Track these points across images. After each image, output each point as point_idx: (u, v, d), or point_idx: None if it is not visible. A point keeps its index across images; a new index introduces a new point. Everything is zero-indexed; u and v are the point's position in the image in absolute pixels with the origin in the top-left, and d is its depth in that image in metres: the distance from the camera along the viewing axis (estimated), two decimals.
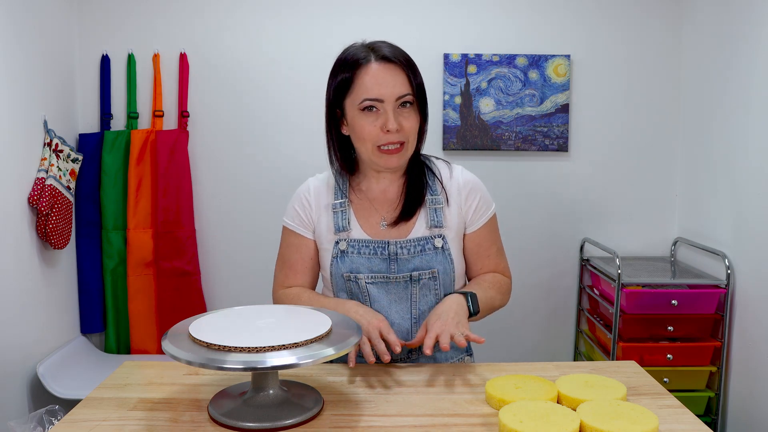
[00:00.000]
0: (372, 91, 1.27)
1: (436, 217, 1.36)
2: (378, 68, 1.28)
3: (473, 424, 1.04)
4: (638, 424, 0.97)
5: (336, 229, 1.37)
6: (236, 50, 2.61)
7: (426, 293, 1.35)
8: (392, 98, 1.27)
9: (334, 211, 1.38)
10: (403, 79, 1.29)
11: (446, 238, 1.36)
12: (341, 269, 1.36)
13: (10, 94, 2.09)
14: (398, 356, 1.37)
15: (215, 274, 2.69)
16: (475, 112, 2.62)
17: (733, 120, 2.25)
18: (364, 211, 1.39)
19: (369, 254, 1.35)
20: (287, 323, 1.12)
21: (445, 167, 1.43)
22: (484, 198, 1.41)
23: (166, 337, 1.05)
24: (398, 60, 1.29)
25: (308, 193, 1.41)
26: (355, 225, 1.38)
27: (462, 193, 1.39)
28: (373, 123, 1.28)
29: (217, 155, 2.65)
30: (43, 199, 2.19)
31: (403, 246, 1.34)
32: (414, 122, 1.31)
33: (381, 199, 1.39)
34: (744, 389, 2.18)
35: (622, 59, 2.64)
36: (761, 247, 2.08)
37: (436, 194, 1.38)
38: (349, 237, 1.36)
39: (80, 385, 2.19)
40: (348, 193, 1.39)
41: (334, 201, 1.39)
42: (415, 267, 1.34)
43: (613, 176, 2.69)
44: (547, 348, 2.77)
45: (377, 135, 1.29)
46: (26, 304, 2.17)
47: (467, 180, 1.40)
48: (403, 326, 1.35)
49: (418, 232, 1.36)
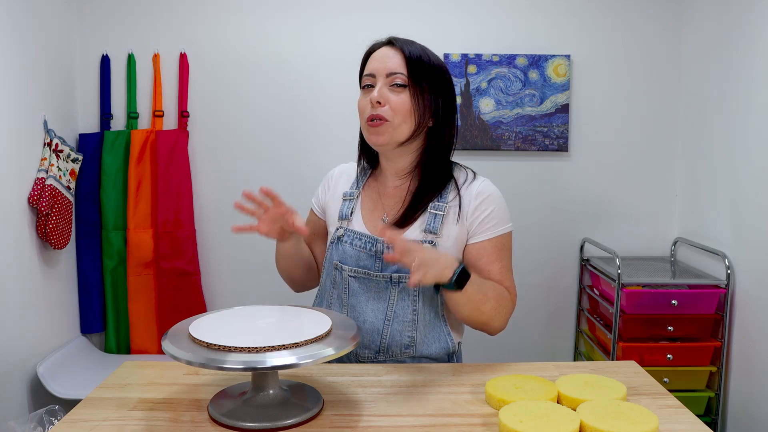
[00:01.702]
0: (369, 68, 1.35)
1: (432, 223, 1.34)
2: (381, 50, 1.35)
3: (473, 424, 1.04)
4: (638, 424, 0.97)
5: (339, 216, 1.41)
6: (236, 50, 2.61)
7: (404, 297, 1.33)
8: (383, 73, 1.32)
9: (344, 199, 1.43)
10: (398, 59, 1.32)
11: (437, 245, 1.32)
12: (333, 256, 1.39)
13: (10, 94, 2.09)
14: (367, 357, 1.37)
15: (215, 274, 2.69)
16: (475, 112, 2.62)
17: (733, 120, 2.25)
18: (370, 204, 1.41)
19: (359, 247, 1.36)
20: (287, 323, 1.12)
21: (470, 176, 1.41)
22: (498, 212, 1.35)
23: (166, 337, 1.05)
24: (401, 46, 1.34)
25: (332, 177, 1.51)
26: (357, 216, 1.40)
27: (473, 203, 1.35)
28: (365, 97, 1.34)
29: (217, 155, 2.65)
30: (43, 199, 2.19)
31: (390, 246, 1.31)
32: (403, 103, 1.31)
33: (390, 195, 1.41)
34: (744, 389, 2.18)
35: (622, 59, 2.64)
36: (761, 247, 2.08)
37: (444, 201, 1.36)
38: (348, 226, 1.40)
39: (80, 385, 2.19)
40: (362, 185, 1.44)
41: (348, 189, 1.45)
42: (398, 269, 1.33)
43: (613, 176, 2.69)
44: (547, 348, 2.77)
45: (366, 108, 1.33)
46: (26, 304, 2.17)
47: (482, 191, 1.36)
48: (376, 325, 1.34)
49: (411, 235, 1.34)
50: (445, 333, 1.37)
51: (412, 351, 1.35)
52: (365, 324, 1.34)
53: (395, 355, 1.35)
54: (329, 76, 2.61)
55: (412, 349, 1.35)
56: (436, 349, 1.36)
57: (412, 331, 1.34)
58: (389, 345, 1.34)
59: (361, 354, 1.36)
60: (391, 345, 1.34)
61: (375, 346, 1.34)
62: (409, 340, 1.34)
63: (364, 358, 1.36)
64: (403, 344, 1.34)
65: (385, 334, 1.34)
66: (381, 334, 1.34)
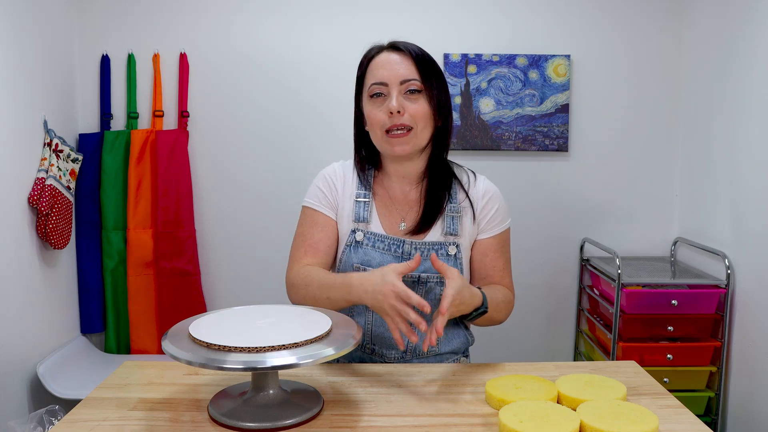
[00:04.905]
0: (377, 76, 1.31)
1: (452, 225, 1.37)
2: (386, 56, 1.32)
3: (473, 424, 1.04)
4: (638, 424, 0.97)
5: (356, 219, 1.37)
6: (236, 50, 2.61)
7: (431, 297, 1.35)
8: (396, 81, 1.29)
9: (357, 201, 1.39)
10: (409, 65, 1.30)
11: (460, 246, 1.37)
12: (353, 259, 1.36)
13: (10, 94, 2.09)
14: (394, 357, 1.37)
15: (215, 274, 2.69)
16: (475, 112, 2.62)
17: (733, 120, 2.25)
18: (384, 209, 1.40)
19: (383, 249, 1.35)
20: (287, 323, 1.12)
21: (470, 175, 1.44)
22: (501, 209, 1.42)
23: (166, 337, 1.05)
24: (408, 50, 1.32)
25: (334, 176, 1.42)
26: (375, 219, 1.38)
27: (481, 202, 1.40)
28: (379, 107, 1.31)
29: (217, 155, 2.65)
30: (43, 199, 2.19)
31: (418, 247, 1.35)
32: (422, 109, 1.30)
33: (401, 201, 1.40)
34: (744, 389, 2.18)
35: (622, 59, 2.64)
36: (761, 247, 2.08)
37: (456, 202, 1.38)
38: (367, 229, 1.37)
39: (80, 385, 2.19)
40: (372, 187, 1.41)
41: (357, 191, 1.40)
42: (425, 269, 1.34)
43: (613, 176, 2.69)
44: (547, 348, 2.77)
45: (384, 120, 1.30)
46: (26, 304, 2.17)
47: (487, 189, 1.41)
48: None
49: (433, 237, 1.36)
50: (463, 328, 1.43)
51: (437, 349, 1.39)
52: None
53: (421, 354, 1.37)
54: (329, 75, 2.61)
55: (438, 346, 1.38)
56: (457, 344, 1.41)
57: None
58: (417, 345, 1.36)
59: (387, 354, 1.37)
60: (418, 345, 1.36)
61: None
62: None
63: (391, 359, 1.37)
64: None
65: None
66: None
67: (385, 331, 1.35)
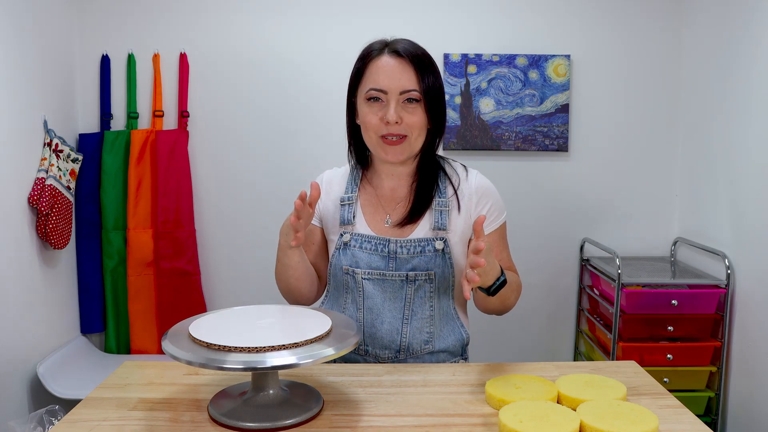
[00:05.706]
0: (377, 82, 1.31)
1: (440, 220, 1.36)
2: (387, 60, 1.31)
3: (473, 424, 1.04)
4: (638, 424, 0.97)
5: (341, 222, 1.39)
6: (236, 50, 2.61)
7: (421, 295, 1.35)
8: (396, 91, 1.30)
9: (341, 204, 1.41)
10: (410, 75, 1.30)
11: (448, 241, 1.36)
12: (342, 261, 1.38)
13: (10, 94, 2.09)
14: (387, 357, 1.37)
15: (215, 274, 2.69)
16: (475, 112, 2.62)
17: (733, 120, 2.25)
18: (370, 207, 1.41)
19: (370, 250, 1.36)
20: (287, 323, 1.12)
21: (462, 170, 1.44)
22: (496, 204, 1.41)
23: (166, 337, 1.05)
24: (409, 56, 1.31)
25: (320, 183, 1.45)
26: (360, 219, 1.39)
27: (473, 197, 1.39)
28: (375, 113, 1.32)
29: (217, 155, 2.65)
30: (43, 199, 2.19)
31: (403, 245, 1.35)
32: (418, 119, 1.31)
33: (389, 197, 1.41)
34: (744, 389, 2.18)
35: (622, 59, 2.64)
36: (761, 247, 2.08)
37: (445, 197, 1.39)
38: (353, 231, 1.38)
39: (80, 385, 2.19)
40: (359, 187, 1.42)
41: (343, 194, 1.42)
42: (413, 267, 1.34)
43: (613, 176, 2.69)
44: (547, 348, 2.77)
45: (378, 125, 1.31)
46: (26, 304, 2.17)
47: (480, 185, 1.41)
48: (395, 325, 1.35)
49: (420, 233, 1.37)
50: (458, 325, 1.42)
51: (431, 346, 1.38)
52: (384, 325, 1.35)
53: (415, 352, 1.37)
54: (329, 75, 2.61)
55: (431, 344, 1.37)
56: (452, 341, 1.40)
57: (430, 327, 1.36)
58: (409, 343, 1.36)
59: (381, 354, 1.37)
60: (411, 343, 1.36)
61: (395, 346, 1.36)
62: (428, 335, 1.36)
63: (385, 359, 1.37)
64: (422, 341, 1.36)
65: (404, 333, 1.35)
66: (401, 333, 1.35)
67: (377, 331, 1.36)
